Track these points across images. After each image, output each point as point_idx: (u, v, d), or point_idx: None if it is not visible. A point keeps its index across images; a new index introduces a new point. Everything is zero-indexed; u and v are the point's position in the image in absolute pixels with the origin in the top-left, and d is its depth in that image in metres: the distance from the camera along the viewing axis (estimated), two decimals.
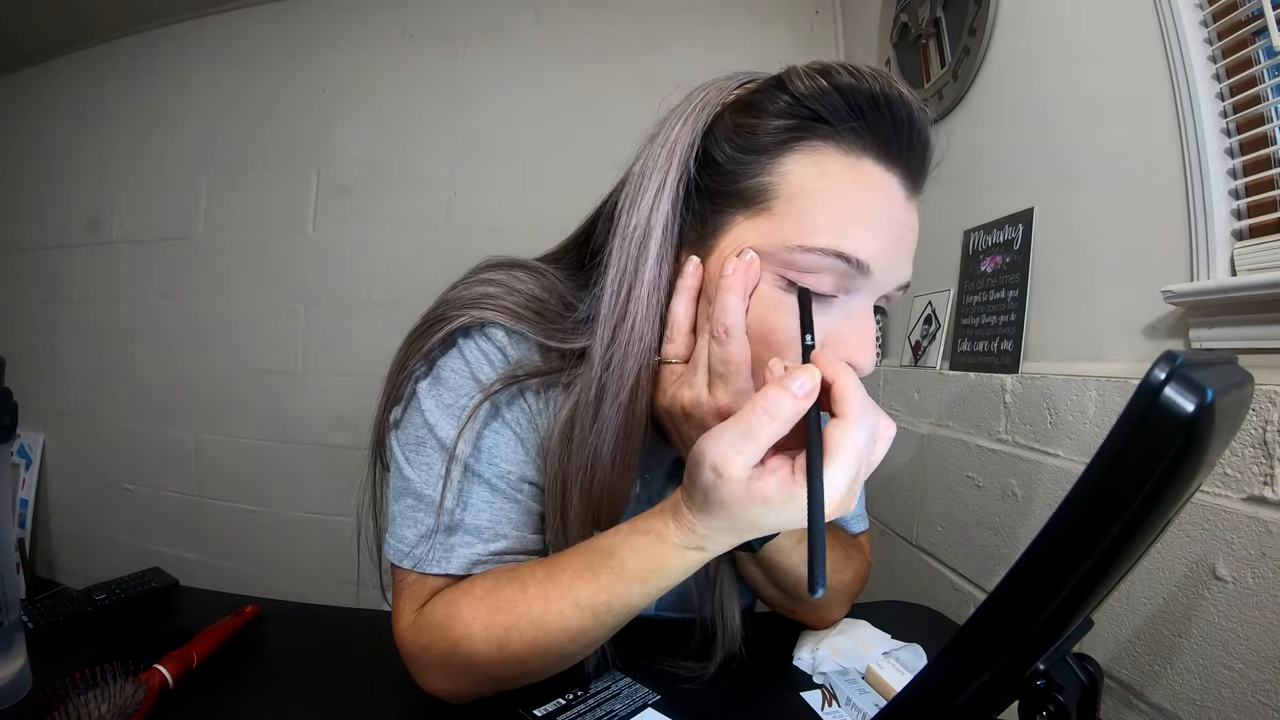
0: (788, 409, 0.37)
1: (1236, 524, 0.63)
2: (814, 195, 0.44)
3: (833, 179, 0.44)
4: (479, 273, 0.56)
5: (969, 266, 1.20)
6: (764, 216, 0.45)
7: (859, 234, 0.44)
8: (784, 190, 0.45)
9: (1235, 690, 0.62)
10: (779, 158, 0.45)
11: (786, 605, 0.65)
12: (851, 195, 0.44)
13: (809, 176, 0.44)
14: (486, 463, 0.51)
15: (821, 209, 0.44)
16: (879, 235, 0.44)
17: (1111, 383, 0.82)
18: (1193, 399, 0.24)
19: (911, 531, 1.30)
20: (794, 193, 0.45)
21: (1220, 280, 0.71)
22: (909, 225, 0.47)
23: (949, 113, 1.31)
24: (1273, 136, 0.71)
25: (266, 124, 2.07)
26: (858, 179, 0.44)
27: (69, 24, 2.13)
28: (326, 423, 1.96)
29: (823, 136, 0.45)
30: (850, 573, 0.64)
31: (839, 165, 0.44)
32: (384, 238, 2.00)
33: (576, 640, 0.47)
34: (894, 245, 0.46)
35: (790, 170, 0.45)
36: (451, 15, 2.02)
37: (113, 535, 2.13)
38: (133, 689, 0.47)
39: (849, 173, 0.44)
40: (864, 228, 0.44)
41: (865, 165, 0.44)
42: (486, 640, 0.46)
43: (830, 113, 0.44)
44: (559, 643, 0.46)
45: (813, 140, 0.45)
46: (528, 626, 0.46)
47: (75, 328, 2.19)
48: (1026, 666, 0.33)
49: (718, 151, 0.48)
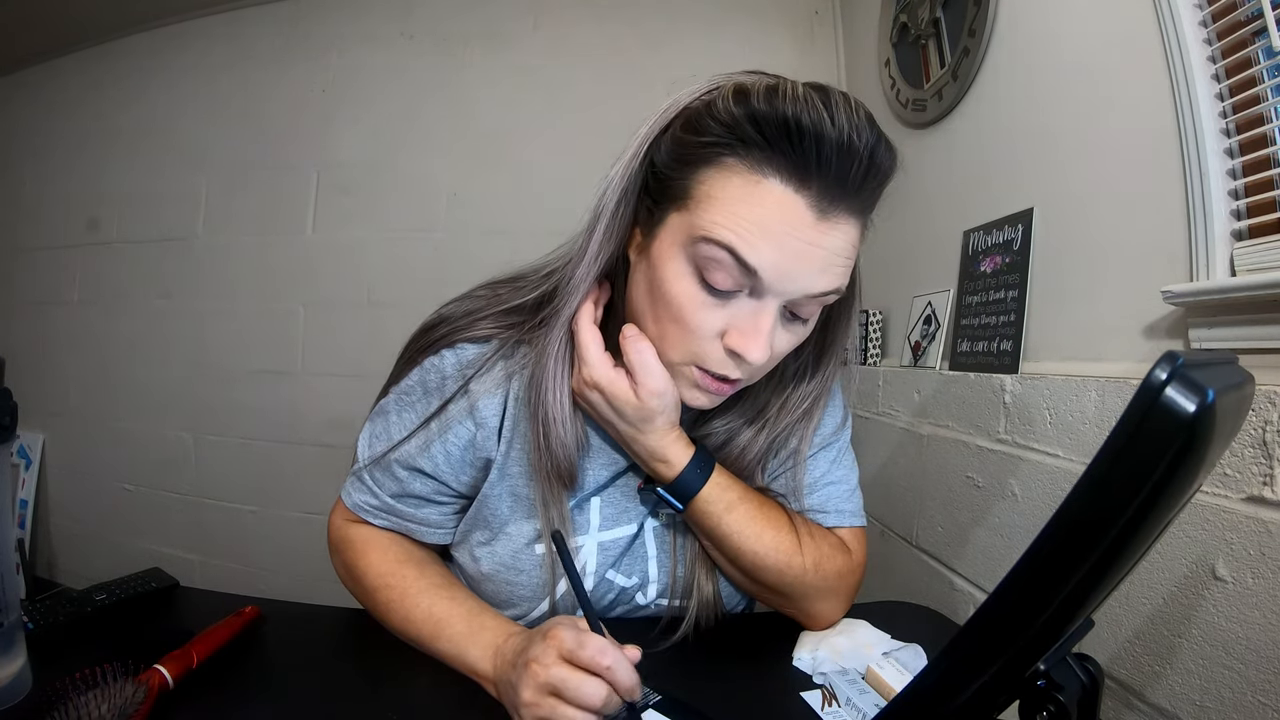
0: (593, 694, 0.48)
1: (1236, 524, 0.63)
2: (718, 200, 0.50)
3: (734, 190, 0.50)
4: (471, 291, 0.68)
5: (969, 267, 1.20)
6: (684, 213, 0.53)
7: (750, 240, 0.49)
8: (698, 194, 0.52)
9: (1235, 690, 0.62)
10: (699, 169, 0.52)
11: (758, 591, 0.68)
12: (747, 206, 0.50)
13: (717, 186, 0.51)
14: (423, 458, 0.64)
15: (719, 211, 0.50)
16: (771, 246, 0.49)
17: (1111, 383, 0.82)
18: (1194, 399, 0.24)
19: (911, 531, 1.30)
20: (703, 197, 0.51)
21: (1220, 280, 0.71)
22: (819, 244, 0.50)
23: (949, 113, 1.31)
24: (1273, 136, 0.71)
25: (266, 124, 2.06)
26: (756, 195, 0.49)
27: (68, 24, 2.12)
28: (326, 423, 1.95)
29: (736, 154, 0.50)
30: (809, 559, 0.63)
31: (742, 180, 0.50)
32: (384, 238, 2.00)
33: (404, 632, 0.61)
34: (791, 258, 0.50)
35: (706, 179, 0.52)
36: (451, 15, 2.02)
37: (113, 535, 2.13)
38: (133, 689, 0.47)
39: (749, 188, 0.50)
40: (756, 236, 0.49)
41: (768, 184, 0.49)
42: (370, 576, 0.64)
43: (742, 136, 0.49)
44: (393, 621, 0.62)
45: (727, 158, 0.51)
46: (397, 601, 0.62)
47: (75, 328, 2.19)
48: (1027, 666, 0.33)
49: (659, 159, 0.55)
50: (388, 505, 0.65)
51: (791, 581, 0.63)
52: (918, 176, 1.41)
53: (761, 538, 0.61)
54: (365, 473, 0.65)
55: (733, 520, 0.61)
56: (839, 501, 0.68)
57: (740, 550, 0.62)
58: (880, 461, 1.42)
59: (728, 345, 0.53)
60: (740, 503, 0.62)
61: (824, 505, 0.68)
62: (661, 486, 0.61)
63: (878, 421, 1.47)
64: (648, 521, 0.68)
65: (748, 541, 0.61)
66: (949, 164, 1.32)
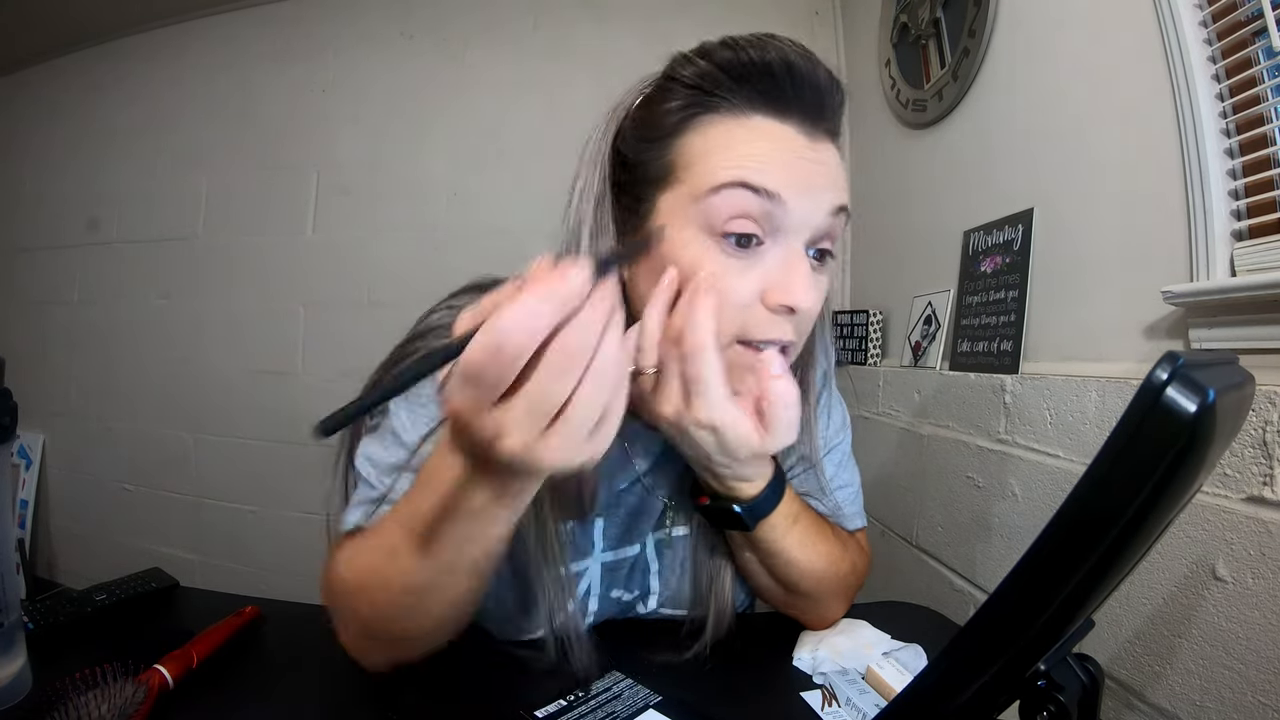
0: None
1: (1236, 524, 0.63)
2: (712, 151, 0.48)
3: (726, 136, 0.48)
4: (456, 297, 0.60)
5: (969, 267, 1.20)
6: (676, 187, 0.49)
7: (759, 166, 0.47)
8: (685, 159, 0.49)
9: (1235, 690, 0.62)
10: (679, 137, 0.50)
11: (782, 599, 0.66)
12: (745, 144, 0.48)
13: (704, 142, 0.49)
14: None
15: (719, 159, 0.48)
16: (781, 168, 0.48)
17: (1111, 383, 0.82)
18: (1194, 399, 0.24)
19: (911, 531, 1.30)
20: (694, 158, 0.49)
21: (1220, 281, 0.71)
22: (818, 160, 0.50)
23: (949, 113, 1.31)
24: (1273, 137, 0.71)
25: (266, 124, 2.06)
26: (748, 132, 0.48)
27: (68, 24, 2.12)
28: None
29: (713, 109, 0.49)
30: (846, 564, 0.64)
31: (730, 125, 0.49)
32: (384, 238, 2.00)
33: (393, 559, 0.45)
34: (803, 177, 0.48)
35: (688, 144, 0.49)
36: (451, 15, 2.02)
37: (113, 535, 2.13)
38: (133, 689, 0.47)
39: (740, 129, 0.48)
40: (763, 162, 0.47)
41: (755, 120, 0.48)
42: (354, 577, 0.49)
43: (714, 86, 0.49)
44: (378, 563, 0.46)
45: (705, 114, 0.49)
46: (364, 550, 0.49)
47: (75, 328, 2.19)
48: (1027, 667, 0.33)
49: (627, 149, 0.53)
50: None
51: (829, 586, 0.63)
52: (918, 176, 1.43)
53: (817, 548, 0.60)
54: (376, 481, 0.54)
55: (795, 533, 0.59)
56: (849, 504, 0.69)
57: (793, 562, 0.60)
58: (880, 461, 1.42)
59: (772, 302, 0.49)
60: (803, 513, 0.60)
61: (839, 509, 0.68)
62: (738, 504, 0.55)
63: (878, 421, 1.47)
64: (649, 536, 0.66)
65: (804, 552, 0.60)
66: (949, 164, 1.32)
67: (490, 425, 0.32)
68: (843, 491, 0.68)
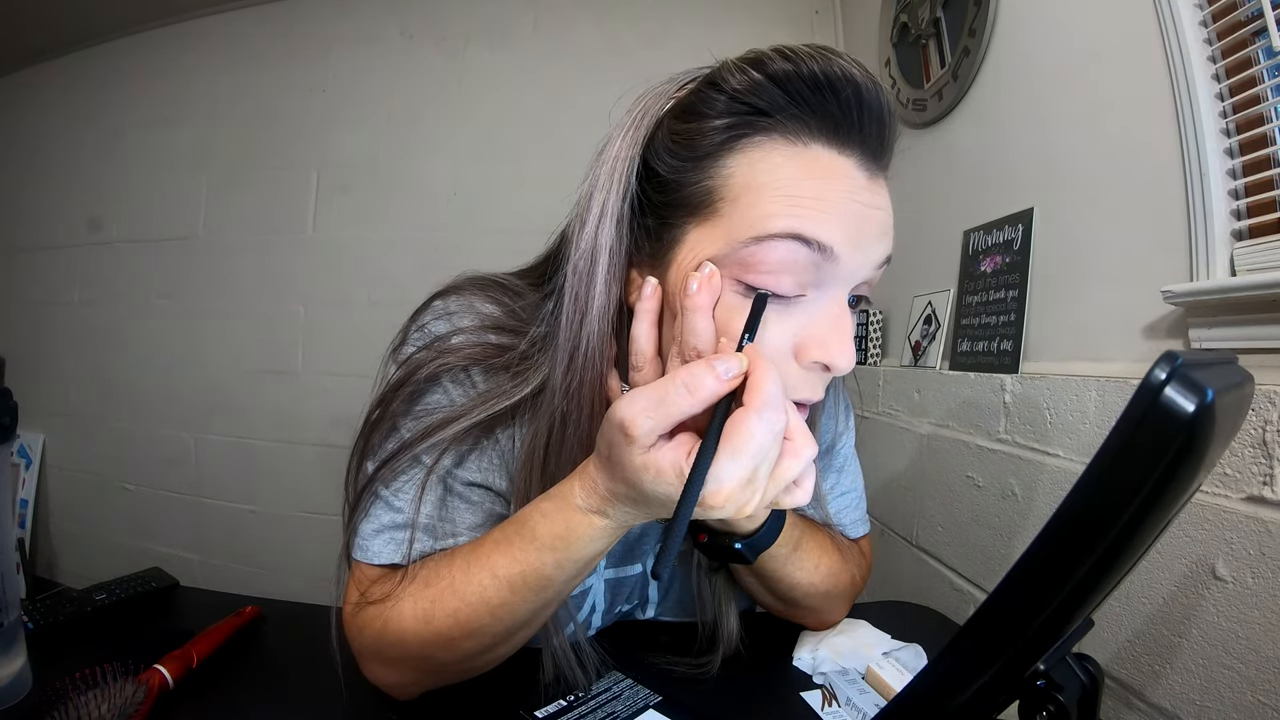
0: (708, 388, 0.37)
1: (1236, 524, 0.63)
2: (762, 188, 0.41)
3: (780, 169, 0.41)
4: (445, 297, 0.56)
5: (969, 266, 1.20)
6: (714, 221, 0.43)
7: (816, 216, 0.41)
8: (729, 190, 0.42)
9: (1235, 690, 0.62)
10: (721, 160, 0.43)
11: (783, 610, 0.66)
12: (802, 182, 0.41)
13: (755, 171, 0.42)
14: (450, 470, 0.53)
15: (770, 199, 0.41)
16: (839, 218, 0.41)
17: (1111, 383, 0.82)
18: (1193, 399, 0.24)
19: (911, 531, 1.30)
20: (740, 191, 0.42)
21: (1220, 280, 0.71)
22: (874, 204, 0.43)
23: (949, 113, 1.31)
24: (1273, 136, 0.71)
25: (266, 124, 2.06)
26: (806, 165, 0.41)
27: (69, 24, 2.12)
28: (326, 423, 1.95)
29: (765, 130, 0.42)
30: (846, 576, 0.64)
31: (785, 155, 0.42)
32: (384, 238, 2.00)
33: (497, 614, 0.46)
34: (858, 227, 0.42)
35: (735, 170, 0.42)
36: (451, 15, 2.02)
37: (113, 535, 2.13)
38: (133, 689, 0.47)
39: (796, 160, 0.41)
40: (821, 210, 0.41)
41: (814, 150, 0.42)
42: (414, 614, 0.47)
43: (769, 104, 0.41)
44: (479, 616, 0.46)
45: (755, 136, 0.42)
46: (450, 597, 0.46)
47: (75, 328, 2.19)
48: (1027, 666, 0.33)
49: (659, 164, 0.46)
50: (427, 525, 0.52)
51: (831, 599, 0.63)
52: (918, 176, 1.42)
53: (819, 568, 0.60)
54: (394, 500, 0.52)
55: (797, 558, 0.58)
56: (852, 511, 0.69)
57: (796, 585, 0.59)
58: (880, 461, 1.42)
59: (810, 361, 0.43)
60: (804, 537, 0.58)
61: (840, 517, 0.68)
62: (738, 541, 0.52)
63: (878, 421, 1.47)
64: (650, 555, 0.65)
65: (806, 574, 0.59)
66: (949, 164, 1.32)
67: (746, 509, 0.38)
68: (845, 498, 0.68)
